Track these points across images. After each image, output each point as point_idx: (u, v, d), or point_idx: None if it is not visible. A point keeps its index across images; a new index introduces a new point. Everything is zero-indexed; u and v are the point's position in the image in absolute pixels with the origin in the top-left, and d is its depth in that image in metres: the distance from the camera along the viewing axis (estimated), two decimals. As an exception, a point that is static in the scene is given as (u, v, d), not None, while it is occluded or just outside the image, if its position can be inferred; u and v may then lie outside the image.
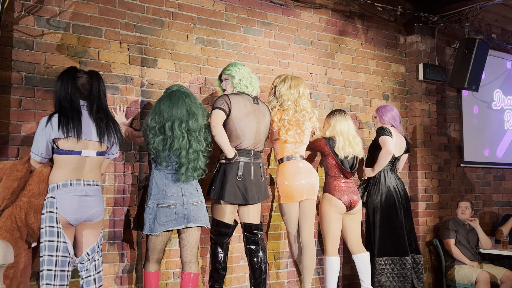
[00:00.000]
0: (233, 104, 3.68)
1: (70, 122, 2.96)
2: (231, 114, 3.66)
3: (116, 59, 3.81)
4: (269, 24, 4.63)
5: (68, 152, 2.98)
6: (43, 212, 2.94)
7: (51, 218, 2.92)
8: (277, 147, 4.03)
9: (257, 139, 3.78)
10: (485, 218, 6.30)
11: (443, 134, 5.95)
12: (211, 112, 3.68)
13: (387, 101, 5.41)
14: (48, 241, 2.90)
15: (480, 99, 6.37)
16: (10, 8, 3.39)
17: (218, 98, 3.72)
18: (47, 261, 2.89)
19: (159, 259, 3.53)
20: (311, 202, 4.01)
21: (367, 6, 5.24)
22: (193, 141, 3.41)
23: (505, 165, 6.60)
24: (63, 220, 2.95)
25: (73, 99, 3.03)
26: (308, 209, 3.99)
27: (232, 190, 3.63)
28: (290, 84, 4.00)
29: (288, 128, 3.91)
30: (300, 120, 3.94)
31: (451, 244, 5.15)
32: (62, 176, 2.98)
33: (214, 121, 3.60)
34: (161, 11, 4.05)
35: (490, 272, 5.03)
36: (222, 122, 3.63)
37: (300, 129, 3.95)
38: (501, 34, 6.64)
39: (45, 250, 2.89)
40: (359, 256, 4.37)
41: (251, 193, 3.68)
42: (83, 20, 3.69)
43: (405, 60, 5.64)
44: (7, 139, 3.37)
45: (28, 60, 3.46)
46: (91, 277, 3.13)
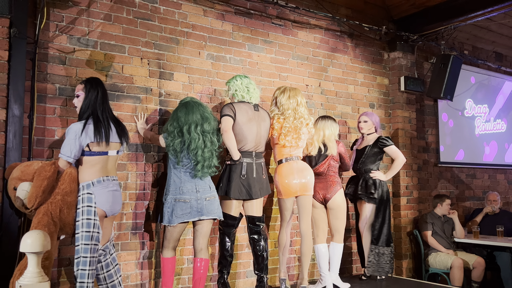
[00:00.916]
0: (237, 110, 3.68)
1: (103, 129, 2.99)
2: (235, 119, 3.66)
3: (138, 72, 3.81)
4: (270, 42, 4.63)
5: (98, 153, 3.00)
6: (78, 207, 2.93)
7: (89, 212, 2.92)
8: (276, 150, 4.00)
9: (257, 142, 3.77)
10: (458, 212, 6.26)
11: (421, 138, 5.94)
12: (220, 119, 3.68)
13: (373, 109, 5.41)
14: (85, 231, 2.89)
15: (454, 107, 6.36)
16: (46, 28, 3.41)
17: (224, 106, 3.71)
18: (83, 249, 2.88)
19: (174, 247, 3.53)
20: (306, 197, 3.97)
21: (356, 27, 5.25)
22: (207, 141, 3.44)
23: (475, 165, 6.59)
24: (101, 213, 2.97)
25: (104, 107, 3.06)
26: (303, 203, 3.97)
27: (237, 187, 3.63)
28: (289, 94, 3.98)
29: (286, 134, 3.89)
30: (298, 127, 3.92)
31: (428, 235, 5.14)
32: (94, 174, 2.98)
33: (225, 127, 3.60)
34: (177, 31, 4.05)
35: (464, 259, 5.02)
36: (231, 127, 3.63)
37: (297, 135, 3.92)
38: (472, 51, 6.63)
39: (82, 239, 2.88)
40: (331, 244, 4.30)
41: (254, 190, 3.68)
42: (109, 38, 3.69)
43: (388, 73, 5.64)
44: (43, 142, 3.37)
45: (62, 73, 3.47)
46: (111, 270, 3.15)
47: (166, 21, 3.99)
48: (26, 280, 2.31)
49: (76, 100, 3.11)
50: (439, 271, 5.08)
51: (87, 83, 3.09)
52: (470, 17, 5.11)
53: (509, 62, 7.17)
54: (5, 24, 3.12)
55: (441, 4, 5.26)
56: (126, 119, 3.70)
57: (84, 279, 2.85)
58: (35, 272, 2.34)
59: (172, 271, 3.52)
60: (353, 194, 4.64)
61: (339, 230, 4.26)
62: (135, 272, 3.67)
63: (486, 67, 6.79)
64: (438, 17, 5.29)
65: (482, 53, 6.79)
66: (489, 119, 6.86)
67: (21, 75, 3.18)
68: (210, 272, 4.02)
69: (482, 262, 5.03)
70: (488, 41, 6.66)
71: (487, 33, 6.42)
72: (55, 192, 2.89)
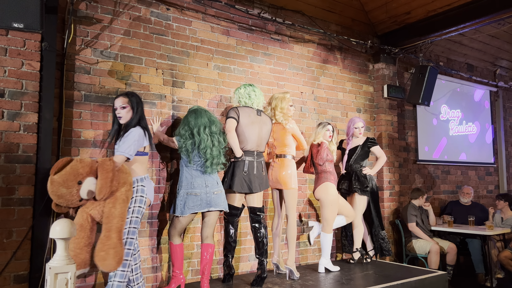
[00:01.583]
0: (240, 114, 3.68)
1: (150, 134, 3.19)
2: (239, 121, 3.66)
3: (153, 81, 3.82)
4: (269, 54, 4.64)
5: (146, 154, 3.18)
6: (133, 196, 3.01)
7: (141, 201, 3.04)
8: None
9: (259, 142, 3.76)
10: (434, 203, 6.28)
11: (402, 139, 5.93)
12: (225, 121, 3.68)
13: (360, 114, 5.41)
14: (135, 217, 3.00)
15: (431, 112, 6.36)
16: (73, 42, 3.41)
17: (230, 110, 3.72)
18: (131, 231, 2.98)
19: (180, 234, 3.54)
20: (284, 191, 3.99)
21: (344, 41, 5.25)
22: (215, 141, 3.47)
23: (449, 163, 6.58)
24: (148, 202, 3.16)
25: (144, 117, 3.22)
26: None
27: (239, 182, 3.62)
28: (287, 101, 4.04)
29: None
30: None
31: (414, 226, 5.13)
32: (143, 170, 3.16)
33: (229, 127, 3.62)
34: (188, 45, 4.06)
35: (440, 245, 5.03)
36: (235, 128, 3.63)
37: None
38: (447, 62, 6.63)
39: (131, 223, 2.98)
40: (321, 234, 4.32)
41: (254, 184, 3.67)
42: (128, 51, 3.70)
43: (373, 82, 5.64)
44: (70, 142, 3.38)
45: (86, 82, 3.48)
46: (136, 255, 3.16)
47: (178, 36, 4.00)
48: (55, 262, 2.31)
49: (123, 111, 3.13)
50: (419, 256, 5.08)
51: (132, 97, 3.17)
52: (445, 32, 5.12)
53: (479, 72, 7.16)
54: (37, 38, 3.13)
55: (419, 21, 5.27)
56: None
57: (128, 257, 2.94)
58: (63, 255, 2.34)
59: (182, 256, 3.52)
60: (347, 189, 4.61)
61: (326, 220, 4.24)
62: (150, 256, 3.67)
63: (459, 76, 6.78)
64: (416, 32, 5.29)
65: (456, 64, 6.79)
66: (462, 122, 6.85)
67: (51, 84, 3.19)
68: (216, 256, 4.03)
69: (454, 248, 5.03)
70: (460, 54, 6.66)
71: (459, 46, 6.42)
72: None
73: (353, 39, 5.20)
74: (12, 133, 3.01)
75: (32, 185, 3.05)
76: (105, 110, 3.52)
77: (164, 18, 3.92)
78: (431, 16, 5.15)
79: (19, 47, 3.07)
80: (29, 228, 3.00)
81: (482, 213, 5.77)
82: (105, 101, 3.53)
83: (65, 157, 2.90)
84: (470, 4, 4.75)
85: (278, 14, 4.69)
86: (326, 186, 4.22)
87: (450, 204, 6.09)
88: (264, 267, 3.68)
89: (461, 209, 5.84)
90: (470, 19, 4.81)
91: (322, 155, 4.24)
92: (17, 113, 3.03)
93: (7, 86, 3.01)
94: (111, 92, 3.56)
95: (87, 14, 3.51)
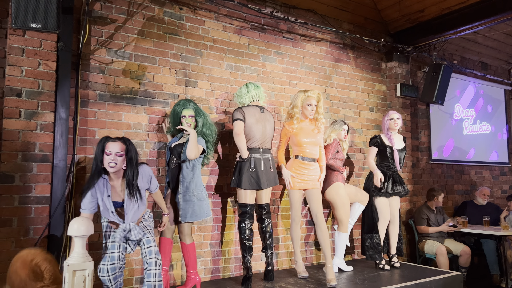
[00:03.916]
0: (246, 114, 3.67)
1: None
2: (245, 121, 3.66)
3: (167, 80, 3.84)
4: (281, 53, 4.64)
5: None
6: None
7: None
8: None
9: (263, 139, 3.73)
10: (448, 203, 6.22)
11: (415, 138, 5.89)
12: (232, 123, 3.67)
13: (372, 113, 5.38)
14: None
15: (444, 111, 6.30)
16: (88, 42, 3.45)
17: (235, 111, 3.67)
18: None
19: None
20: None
21: (357, 40, 5.22)
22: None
23: (463, 162, 6.51)
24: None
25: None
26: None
27: (247, 179, 3.62)
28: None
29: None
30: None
31: (425, 228, 5.10)
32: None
33: (237, 130, 3.60)
34: (200, 44, 4.07)
35: (449, 246, 4.97)
36: (243, 130, 3.63)
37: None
38: (461, 61, 6.56)
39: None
40: (336, 232, 4.31)
41: (262, 181, 3.66)
42: (142, 51, 3.73)
43: (386, 81, 5.60)
44: (86, 141, 3.42)
45: (101, 81, 3.51)
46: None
47: (191, 36, 4.02)
48: (73, 260, 2.34)
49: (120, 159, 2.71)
50: (431, 256, 5.04)
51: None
52: (459, 30, 5.07)
53: (493, 71, 7.07)
54: (54, 39, 3.17)
55: (433, 19, 5.22)
56: (156, 121, 3.74)
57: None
58: (80, 253, 2.37)
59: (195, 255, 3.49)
60: (392, 192, 4.39)
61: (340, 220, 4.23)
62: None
63: (473, 75, 6.71)
64: (430, 31, 5.25)
65: (470, 63, 6.71)
66: (476, 121, 6.78)
67: (67, 83, 3.23)
68: (229, 255, 4.03)
69: (467, 251, 4.95)
70: (475, 52, 6.58)
71: (474, 45, 6.35)
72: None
73: (365, 38, 5.17)
74: (29, 132, 3.05)
75: (49, 183, 3.09)
76: (120, 110, 3.56)
77: (177, 18, 3.94)
78: (445, 14, 5.10)
79: (35, 47, 3.11)
80: (46, 226, 3.05)
81: (497, 213, 5.70)
82: (120, 101, 3.56)
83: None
84: (485, 2, 4.70)
85: (291, 13, 4.68)
86: (336, 187, 4.18)
87: (464, 204, 6.02)
88: (269, 260, 3.72)
89: (475, 209, 5.77)
90: (484, 17, 4.75)
91: (333, 151, 4.21)
92: (34, 112, 3.08)
93: (24, 86, 3.06)
94: (126, 91, 3.60)
95: (101, 15, 3.55)
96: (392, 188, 4.39)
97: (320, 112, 3.91)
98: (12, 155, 2.99)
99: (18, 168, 3.00)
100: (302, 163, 3.86)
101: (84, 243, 2.39)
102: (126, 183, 2.73)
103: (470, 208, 5.82)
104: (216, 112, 4.10)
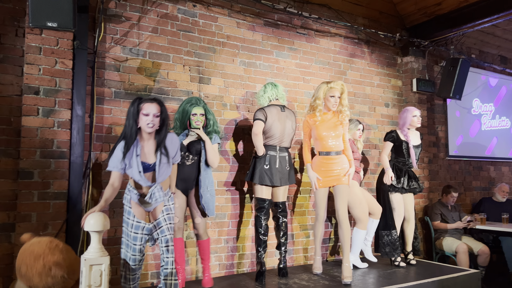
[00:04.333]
0: (268, 114, 3.69)
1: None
2: (266, 121, 3.67)
3: (180, 78, 3.87)
4: (295, 49, 4.62)
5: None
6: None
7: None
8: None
9: (281, 138, 3.73)
10: (466, 200, 6.12)
11: (432, 134, 5.80)
12: (253, 121, 3.69)
13: (388, 108, 5.32)
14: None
15: (462, 106, 6.18)
16: (103, 40, 3.50)
17: (257, 111, 3.69)
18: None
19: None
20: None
21: (372, 34, 5.16)
22: None
23: (481, 158, 6.39)
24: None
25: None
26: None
27: (261, 175, 3.65)
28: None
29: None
30: None
31: (438, 223, 5.05)
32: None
33: (256, 130, 3.61)
34: (214, 41, 4.09)
35: (470, 244, 4.89)
36: (262, 130, 3.64)
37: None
38: (479, 55, 6.42)
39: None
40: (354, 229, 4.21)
41: (275, 178, 3.67)
42: (156, 49, 3.76)
43: (401, 76, 5.53)
44: (102, 138, 3.47)
45: (116, 79, 3.56)
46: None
47: (205, 33, 4.03)
48: (90, 254, 2.39)
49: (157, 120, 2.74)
50: (448, 254, 4.97)
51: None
52: (477, 23, 4.96)
53: (513, 64, 6.92)
54: (70, 37, 3.22)
55: (450, 12, 5.12)
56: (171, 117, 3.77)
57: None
58: (97, 247, 2.42)
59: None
60: (407, 188, 4.33)
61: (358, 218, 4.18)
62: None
63: (492, 69, 6.56)
64: (447, 24, 5.15)
65: (488, 57, 6.56)
66: (495, 116, 6.64)
67: (83, 81, 3.29)
68: (244, 250, 4.05)
69: (486, 250, 4.85)
70: (493, 46, 6.44)
71: (492, 38, 6.21)
72: None
73: (380, 32, 5.11)
74: (47, 129, 3.12)
75: (66, 179, 3.16)
76: (134, 107, 3.59)
77: (190, 15, 3.96)
78: (463, 7, 4.99)
79: (52, 46, 3.17)
80: (64, 221, 3.11)
81: (516, 210, 5.58)
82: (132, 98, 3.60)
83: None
84: (504, -6, 4.59)
85: (304, 8, 4.65)
86: (351, 185, 4.07)
87: (482, 201, 5.91)
88: (282, 258, 3.75)
89: (494, 206, 5.66)
90: (504, 9, 4.63)
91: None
92: (51, 110, 3.14)
93: (42, 84, 3.12)
94: (140, 89, 3.64)
95: (116, 13, 3.59)
96: (408, 184, 4.32)
97: (344, 104, 3.69)
98: (31, 152, 3.06)
99: (36, 164, 3.06)
100: (326, 158, 3.66)
101: (100, 238, 2.43)
102: (158, 144, 2.73)
103: (488, 205, 5.72)
104: (229, 109, 4.12)
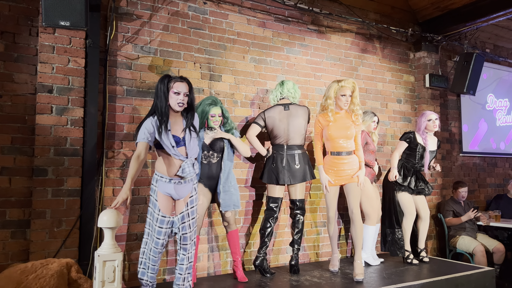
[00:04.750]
0: (267, 116, 3.75)
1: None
2: (266, 122, 3.76)
3: (191, 75, 3.88)
4: (306, 45, 4.59)
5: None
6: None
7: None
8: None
9: (287, 136, 3.73)
10: (480, 197, 6.04)
11: (445, 130, 5.73)
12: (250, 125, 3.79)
13: (400, 104, 5.27)
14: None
15: (476, 101, 6.09)
16: (115, 38, 3.53)
17: (258, 115, 3.81)
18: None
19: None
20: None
21: (384, 30, 5.11)
22: None
23: (496, 155, 6.30)
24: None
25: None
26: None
27: (269, 174, 3.73)
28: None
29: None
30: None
31: (450, 220, 5.01)
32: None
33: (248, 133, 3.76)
34: (224, 38, 4.09)
35: (485, 242, 4.82)
36: (256, 134, 3.73)
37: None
38: (494, 49, 6.31)
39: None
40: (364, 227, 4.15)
41: (282, 176, 3.68)
42: (167, 46, 3.78)
43: (414, 71, 5.46)
44: (114, 135, 3.51)
45: (128, 77, 3.59)
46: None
47: (215, 30, 4.04)
48: (103, 250, 2.42)
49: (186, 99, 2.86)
50: (461, 251, 4.91)
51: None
52: (492, 17, 4.87)
53: (529, 59, 6.78)
54: (82, 36, 3.26)
55: (464, 6, 5.03)
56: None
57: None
58: (110, 244, 2.45)
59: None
60: (415, 189, 4.33)
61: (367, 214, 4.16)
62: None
63: (507, 64, 6.44)
64: (461, 18, 5.07)
65: (503, 51, 6.45)
66: (510, 112, 6.52)
67: (96, 79, 3.32)
68: (251, 247, 4.07)
69: (501, 248, 4.78)
70: (508, 40, 6.32)
71: (507, 32, 6.09)
72: None
73: (392, 28, 5.06)
74: (60, 127, 3.16)
75: (79, 176, 3.20)
76: (147, 104, 3.62)
77: (201, 12, 3.97)
78: (477, 1, 4.90)
79: (65, 45, 3.20)
80: (77, 217, 3.16)
81: (532, 207, 5.49)
82: (146, 96, 3.63)
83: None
84: (520, -14, 4.50)
85: (315, 4, 4.63)
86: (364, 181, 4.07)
87: (496, 197, 5.83)
88: (293, 255, 3.78)
89: (509, 203, 5.57)
90: (519, 3, 4.55)
91: (361, 141, 4.02)
92: (64, 108, 3.18)
93: (55, 82, 3.16)
94: (152, 86, 3.66)
95: (127, 11, 3.61)
96: (415, 185, 4.28)
97: (355, 103, 3.62)
98: (45, 150, 3.10)
99: (50, 162, 3.11)
100: (337, 158, 3.62)
101: (113, 235, 2.46)
102: (187, 122, 2.86)
103: (503, 202, 5.63)
104: (240, 106, 4.12)
